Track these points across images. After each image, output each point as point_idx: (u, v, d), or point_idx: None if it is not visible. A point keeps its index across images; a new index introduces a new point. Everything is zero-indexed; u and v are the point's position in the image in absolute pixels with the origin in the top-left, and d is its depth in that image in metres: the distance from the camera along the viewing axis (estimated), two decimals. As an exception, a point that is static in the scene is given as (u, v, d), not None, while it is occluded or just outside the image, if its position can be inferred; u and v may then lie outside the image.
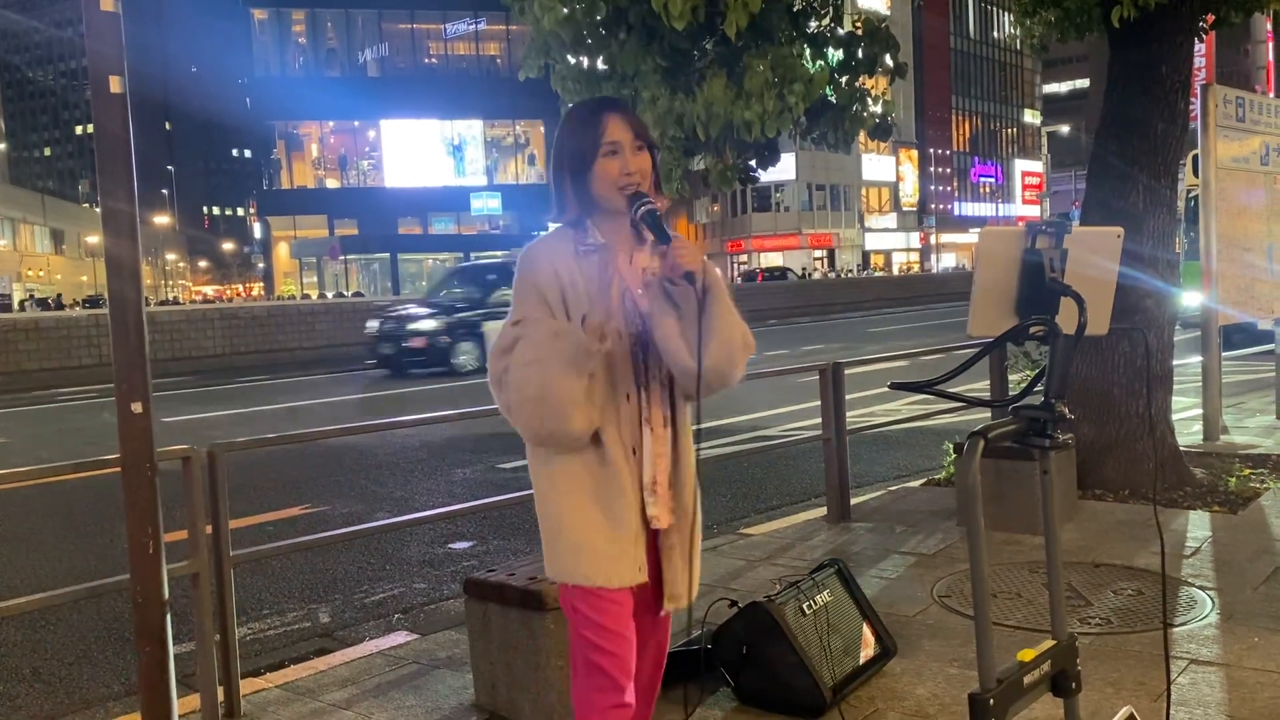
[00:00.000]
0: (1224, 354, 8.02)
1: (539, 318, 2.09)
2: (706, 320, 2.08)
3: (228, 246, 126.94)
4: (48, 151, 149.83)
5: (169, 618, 2.98)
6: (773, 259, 63.71)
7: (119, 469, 2.92)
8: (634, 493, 2.15)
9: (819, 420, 5.90)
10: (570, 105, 2.36)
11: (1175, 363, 6.43)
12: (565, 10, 8.08)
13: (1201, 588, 4.25)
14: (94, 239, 70.86)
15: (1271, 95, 8.63)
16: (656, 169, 2.19)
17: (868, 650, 3.48)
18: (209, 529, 3.41)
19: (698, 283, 2.06)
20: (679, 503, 2.22)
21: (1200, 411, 7.67)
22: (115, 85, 2.80)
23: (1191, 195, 12.98)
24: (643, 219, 2.13)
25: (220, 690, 3.42)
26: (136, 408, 2.85)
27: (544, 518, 2.22)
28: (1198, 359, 7.81)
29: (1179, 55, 5.92)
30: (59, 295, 54.93)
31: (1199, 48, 7.94)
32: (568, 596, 2.20)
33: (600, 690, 2.15)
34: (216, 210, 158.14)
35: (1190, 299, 8.73)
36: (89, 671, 4.38)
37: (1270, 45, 31.63)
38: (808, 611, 3.33)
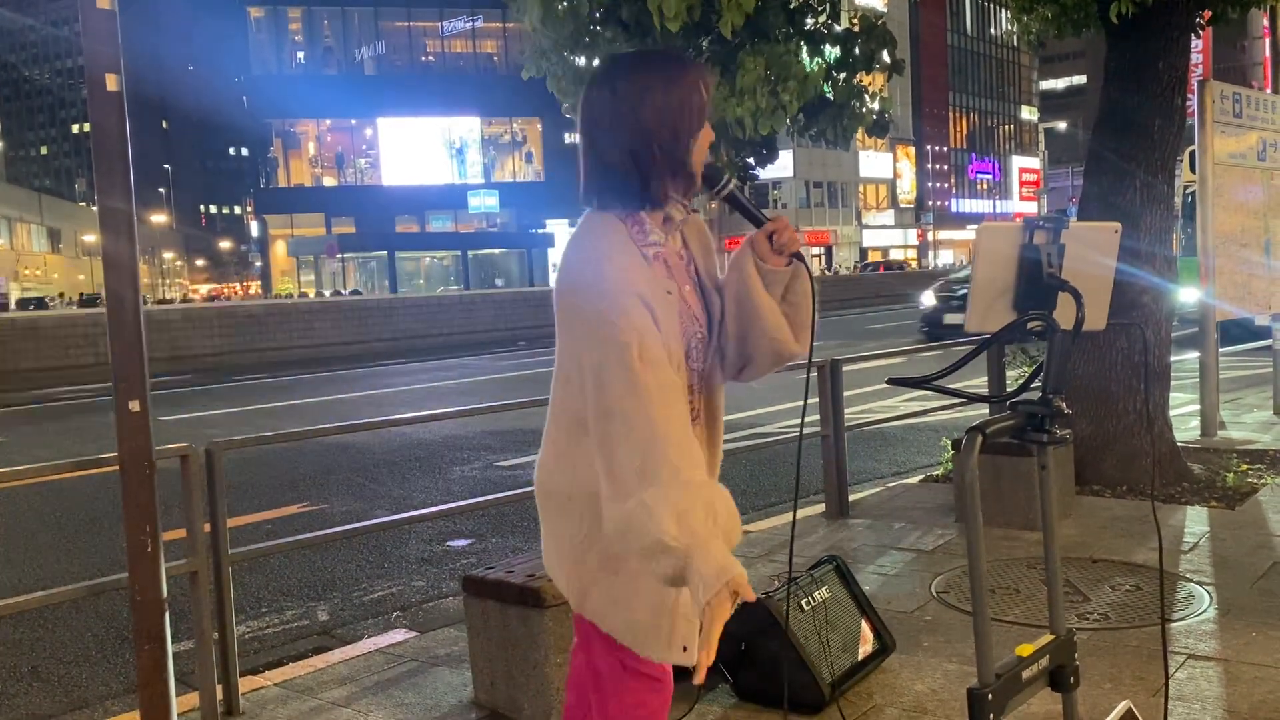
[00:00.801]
0: (1221, 350, 8.02)
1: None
2: (812, 300, 1.88)
3: (225, 245, 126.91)
4: (44, 150, 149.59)
5: (167, 616, 2.98)
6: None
7: (117, 467, 2.92)
8: None
9: (817, 417, 5.91)
10: (644, 59, 1.84)
11: (1173, 358, 6.44)
12: (559, 7, 8.09)
13: (1199, 583, 4.26)
14: (91, 238, 70.80)
15: (1268, 91, 8.64)
16: None
17: (866, 646, 3.48)
18: (207, 527, 3.41)
19: (806, 261, 1.85)
20: None
21: (1198, 407, 7.68)
22: (112, 83, 2.79)
23: (1189, 191, 12.99)
24: (729, 198, 1.85)
25: (219, 688, 3.43)
26: (134, 406, 2.85)
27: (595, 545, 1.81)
28: (1195, 355, 7.82)
29: (1176, 51, 5.92)
30: (60, 294, 54.81)
31: (1196, 44, 7.95)
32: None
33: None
34: (214, 209, 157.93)
35: (1188, 295, 8.74)
36: (88, 670, 4.38)
37: (1267, 41, 31.62)
38: (806, 608, 3.33)
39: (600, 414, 1.66)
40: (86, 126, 2.82)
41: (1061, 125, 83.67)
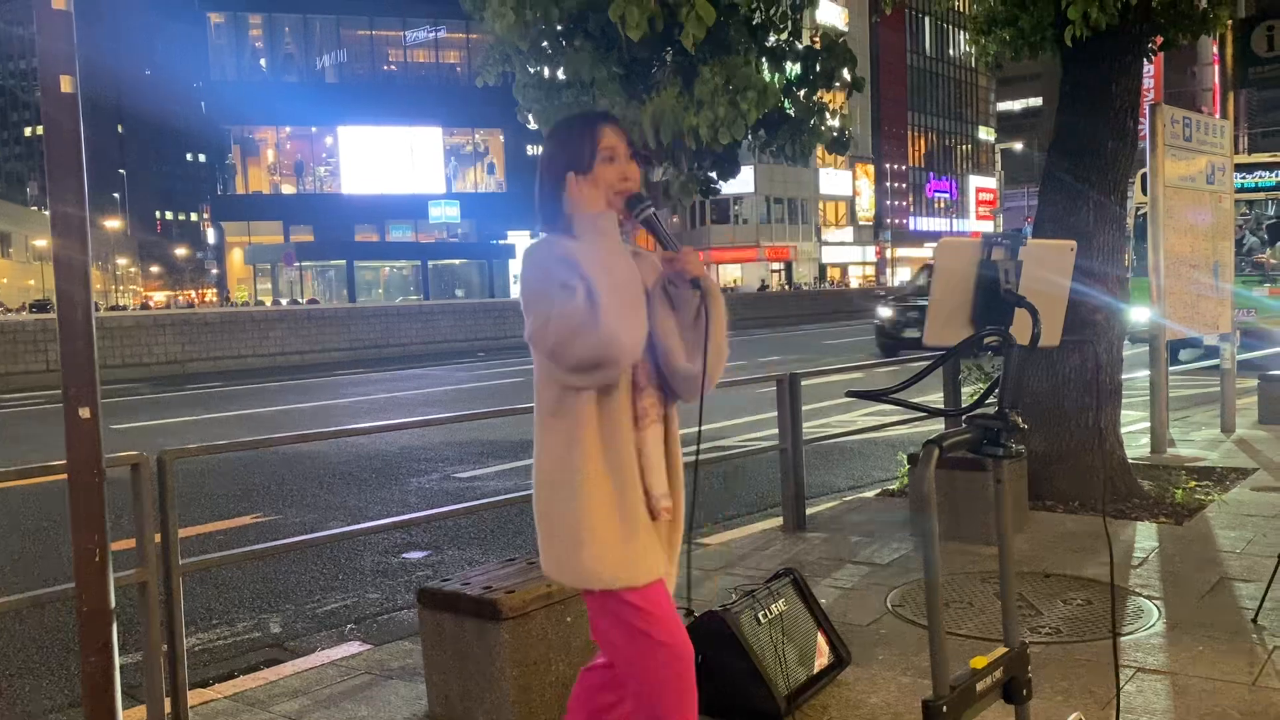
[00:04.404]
0: (1171, 369, 8.18)
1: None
2: (708, 326, 2.17)
3: (181, 252, 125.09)
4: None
5: (115, 627, 2.93)
6: (732, 271, 64.11)
7: (65, 475, 2.86)
8: (640, 488, 2.16)
9: (776, 430, 5.93)
10: (560, 119, 2.42)
11: (1124, 376, 6.55)
12: (524, 18, 8.09)
13: (1149, 598, 4.33)
14: (42, 242, 69.55)
15: (1217, 117, 8.86)
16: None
17: (822, 659, 3.50)
18: (158, 537, 3.35)
19: (703, 288, 2.16)
20: (675, 501, 2.26)
21: (1148, 424, 7.81)
22: (66, 85, 2.75)
23: (1140, 213, 13.24)
24: (645, 221, 2.20)
25: (167, 701, 3.36)
26: (84, 413, 2.80)
27: (568, 520, 2.12)
28: (1146, 373, 7.96)
29: (1128, 75, 6.05)
30: (3, 307, 53.73)
31: (1148, 68, 8.11)
32: (613, 606, 2.14)
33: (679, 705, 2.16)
34: (170, 215, 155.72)
35: (1139, 314, 8.90)
36: (31, 683, 4.28)
37: (1216, 68, 32.41)
38: (763, 621, 3.33)
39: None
40: (39, 129, 2.78)
41: (1018, 146, 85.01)
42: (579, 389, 2.09)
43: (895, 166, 79.63)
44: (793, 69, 11.94)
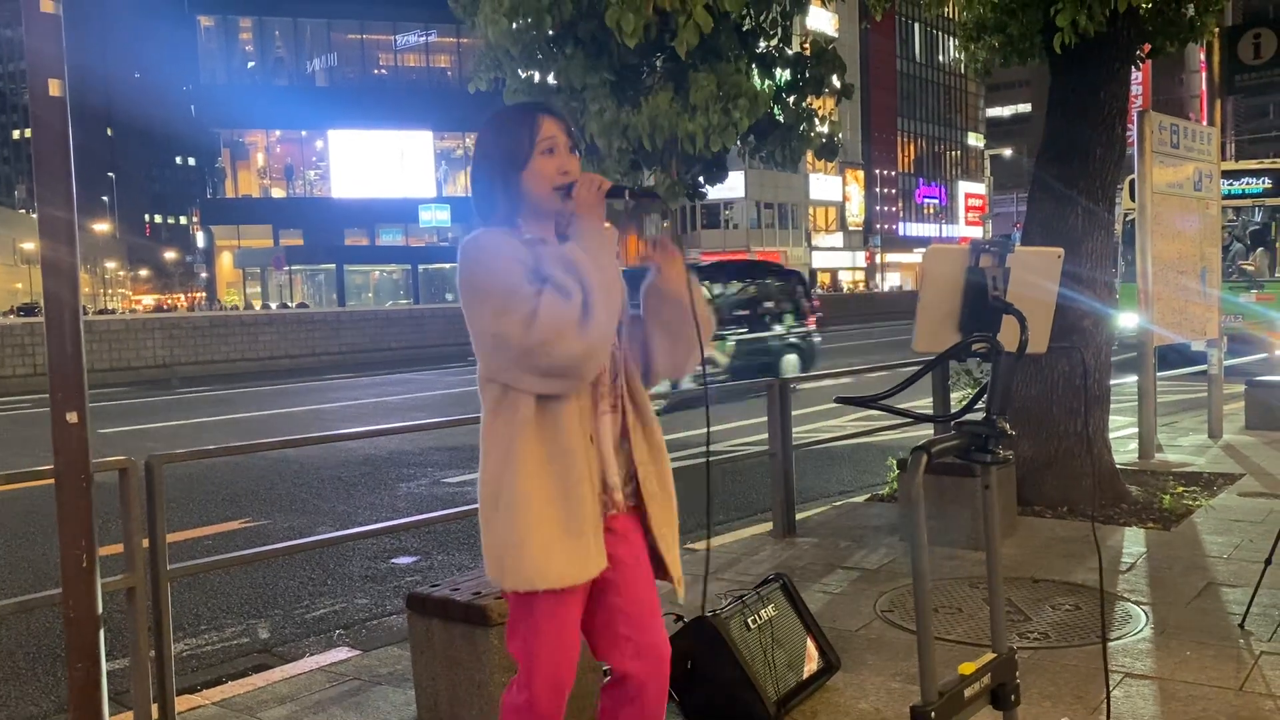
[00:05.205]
0: (1159, 374, 8.21)
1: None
2: (694, 305, 2.18)
3: (170, 255, 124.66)
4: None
5: (102, 633, 2.91)
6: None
7: (52, 480, 2.85)
8: (593, 481, 2.12)
9: (766, 436, 5.94)
10: (496, 110, 2.34)
11: (1112, 382, 6.57)
12: (515, 24, 8.10)
13: (1136, 603, 4.34)
14: (30, 245, 69.17)
15: (1204, 124, 8.92)
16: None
17: (811, 665, 3.50)
18: (146, 543, 3.34)
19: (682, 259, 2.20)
20: (662, 485, 2.25)
21: (1136, 430, 7.84)
22: (55, 88, 2.74)
23: (1128, 219, 13.31)
24: (615, 194, 2.17)
25: (155, 708, 3.34)
26: (72, 417, 2.79)
27: (505, 523, 2.09)
28: (1134, 379, 7.99)
29: (1117, 82, 6.08)
30: None
31: (1136, 76, 8.15)
32: (526, 604, 2.14)
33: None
34: (159, 218, 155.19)
35: (1127, 320, 8.94)
36: (18, 689, 4.26)
37: (1203, 75, 32.62)
38: (752, 626, 3.34)
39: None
40: (28, 132, 2.77)
41: (1007, 152, 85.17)
42: (527, 391, 2.05)
43: (885, 172, 79.81)
44: (783, 75, 11.97)
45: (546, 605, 2.11)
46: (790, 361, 13.34)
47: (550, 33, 9.51)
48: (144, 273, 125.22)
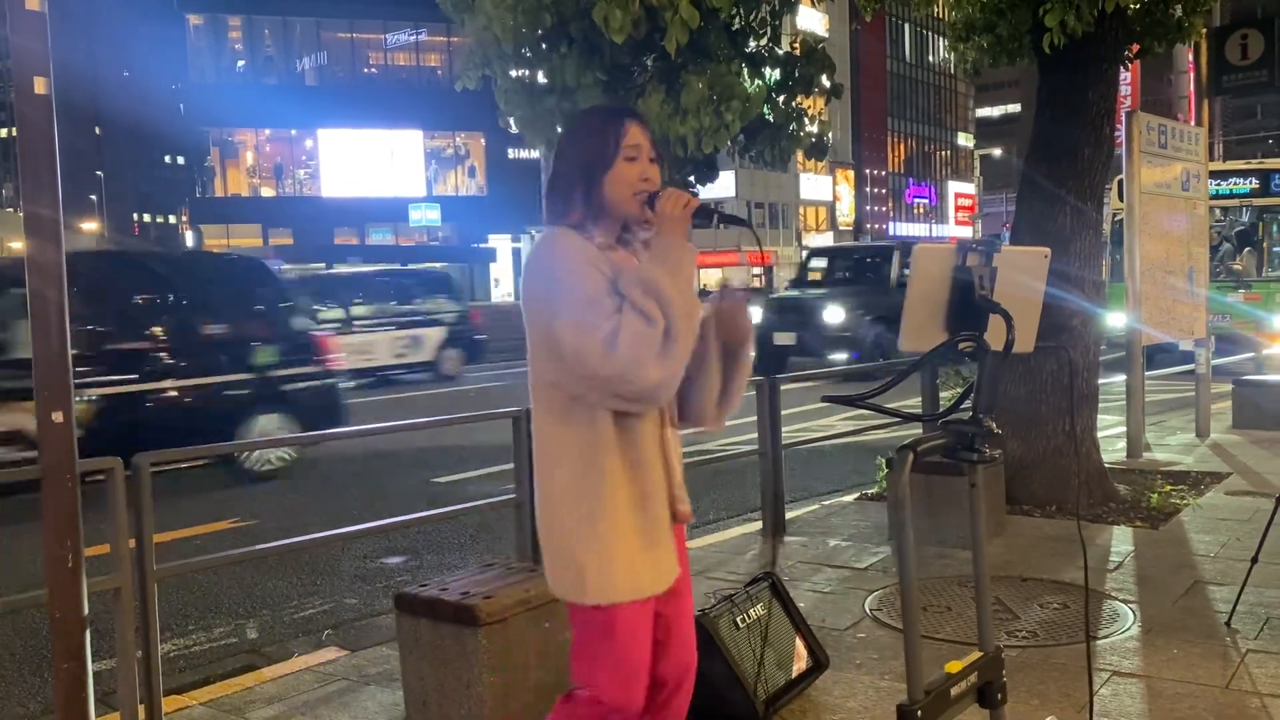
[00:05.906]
0: (1147, 373, 8.24)
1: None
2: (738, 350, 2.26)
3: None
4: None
5: (88, 634, 2.90)
6: (712, 274, 64.21)
7: (38, 479, 2.83)
8: (665, 490, 2.15)
9: (755, 435, 5.94)
10: (584, 110, 2.39)
11: (1100, 381, 6.59)
12: (509, 22, 8.07)
13: (1124, 601, 4.36)
14: (16, 244, 68.86)
15: (1192, 124, 8.96)
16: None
17: (800, 664, 3.50)
18: (132, 543, 3.32)
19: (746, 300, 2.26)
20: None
21: (1124, 429, 7.87)
22: (40, 86, 2.73)
23: (1117, 219, 13.36)
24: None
25: (142, 709, 3.33)
26: (58, 417, 2.77)
27: (587, 534, 2.06)
28: (1122, 378, 8.02)
29: (1105, 82, 6.10)
30: None
31: (1124, 76, 8.18)
32: (608, 618, 2.09)
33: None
34: (147, 217, 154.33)
35: (1115, 319, 8.97)
36: (3, 690, 4.24)
37: (1191, 76, 32.75)
38: (741, 625, 3.34)
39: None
40: (14, 130, 2.75)
41: (996, 152, 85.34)
42: (599, 405, 2.03)
43: (875, 172, 79.94)
44: (772, 75, 11.96)
45: (629, 616, 2.10)
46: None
47: (539, 31, 9.49)
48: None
